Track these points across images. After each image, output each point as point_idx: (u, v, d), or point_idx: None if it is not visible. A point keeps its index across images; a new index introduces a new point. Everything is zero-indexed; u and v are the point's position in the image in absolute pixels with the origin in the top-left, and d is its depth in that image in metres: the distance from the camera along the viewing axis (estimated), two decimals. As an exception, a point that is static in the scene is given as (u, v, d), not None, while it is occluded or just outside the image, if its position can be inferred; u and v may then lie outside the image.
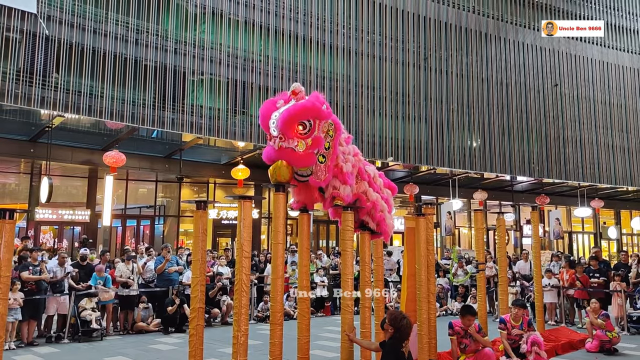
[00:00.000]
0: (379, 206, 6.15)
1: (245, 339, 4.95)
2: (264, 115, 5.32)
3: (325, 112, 5.26)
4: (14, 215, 3.94)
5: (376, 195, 6.14)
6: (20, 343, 8.92)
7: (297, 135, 5.11)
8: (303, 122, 5.10)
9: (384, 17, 18.88)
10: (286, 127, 5.04)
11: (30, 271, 9.15)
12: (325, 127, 5.33)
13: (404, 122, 18.68)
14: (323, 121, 5.27)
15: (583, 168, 22.39)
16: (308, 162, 5.21)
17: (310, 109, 5.12)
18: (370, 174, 6.21)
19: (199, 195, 20.05)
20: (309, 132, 5.15)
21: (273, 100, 5.47)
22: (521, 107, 21.31)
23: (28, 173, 16.39)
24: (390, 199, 6.54)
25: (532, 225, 9.43)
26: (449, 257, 15.10)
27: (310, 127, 5.14)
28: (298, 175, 5.35)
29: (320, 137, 5.25)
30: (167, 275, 11.03)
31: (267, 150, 5.38)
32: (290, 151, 5.12)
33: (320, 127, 5.26)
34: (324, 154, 5.34)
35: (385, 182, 6.54)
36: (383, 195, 6.33)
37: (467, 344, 6.77)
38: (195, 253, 5.35)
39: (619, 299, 10.80)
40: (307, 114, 5.11)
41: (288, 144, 5.10)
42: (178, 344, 9.16)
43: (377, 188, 6.24)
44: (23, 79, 12.31)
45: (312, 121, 5.16)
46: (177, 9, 15.07)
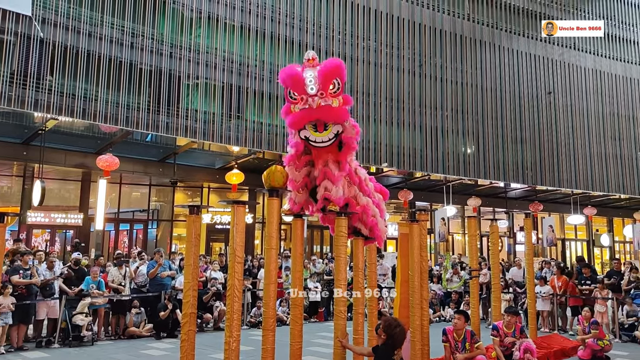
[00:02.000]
0: (370, 211, 6.11)
1: (237, 345, 4.92)
2: (294, 75, 5.30)
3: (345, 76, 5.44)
4: (5, 218, 3.90)
5: (366, 200, 6.09)
6: (9, 348, 8.83)
7: (330, 94, 5.24)
8: (333, 82, 5.25)
9: (379, 24, 18.95)
10: (327, 82, 5.18)
11: (20, 275, 9.06)
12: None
13: (398, 128, 18.71)
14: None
15: (576, 175, 22.50)
16: (344, 116, 5.33)
17: (342, 67, 5.32)
18: (362, 177, 6.16)
19: (192, 199, 20.00)
20: (338, 90, 5.30)
21: (290, 66, 5.53)
22: (515, 114, 21.42)
23: (20, 176, 16.29)
24: (382, 204, 6.47)
25: (525, 233, 9.46)
26: (442, 264, 15.11)
27: (339, 86, 5.29)
28: (316, 143, 5.34)
29: (348, 96, 5.44)
30: (159, 280, 10.97)
31: (297, 114, 5.30)
32: (328, 107, 5.21)
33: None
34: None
35: (376, 187, 6.48)
36: (374, 199, 6.28)
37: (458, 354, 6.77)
38: (187, 258, 5.33)
39: (598, 306, 10.83)
40: (340, 71, 5.30)
41: (326, 101, 5.20)
42: (170, 349, 9.10)
43: (368, 192, 6.19)
44: (17, 82, 12.24)
45: (341, 80, 5.31)
46: (173, 12, 15.06)
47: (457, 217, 23.80)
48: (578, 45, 23.67)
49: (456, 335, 6.83)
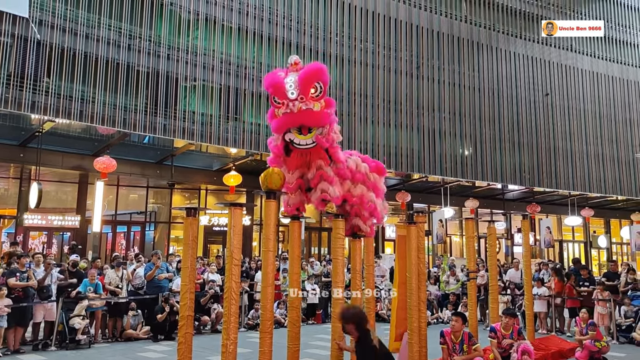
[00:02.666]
0: (366, 198, 6.09)
1: (234, 348, 4.91)
2: (276, 81, 5.34)
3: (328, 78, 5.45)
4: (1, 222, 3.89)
5: (361, 188, 6.05)
6: (6, 350, 8.80)
7: (311, 98, 5.26)
8: (315, 85, 5.28)
9: (377, 26, 18.97)
10: (307, 86, 5.22)
11: (17, 277, 9.03)
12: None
13: (396, 130, 18.73)
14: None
15: (573, 177, 22.54)
16: (325, 120, 5.35)
17: (323, 71, 5.35)
18: (352, 165, 6.04)
19: (190, 201, 19.97)
20: (321, 93, 5.33)
21: (274, 72, 5.56)
22: (512, 116, 21.45)
23: (17, 178, 16.24)
24: (379, 182, 6.38)
25: (523, 234, 9.46)
26: (439, 265, 15.12)
27: (321, 90, 5.32)
28: (300, 145, 5.37)
29: (331, 99, 5.47)
30: (157, 282, 10.94)
31: (280, 119, 5.33)
32: (309, 111, 5.24)
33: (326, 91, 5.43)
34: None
35: (372, 167, 6.35)
36: (370, 182, 6.21)
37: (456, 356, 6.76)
38: (185, 260, 5.32)
39: (599, 308, 10.85)
40: (322, 75, 5.33)
41: (307, 105, 5.22)
42: (167, 351, 9.08)
43: (361, 178, 6.10)
44: (14, 83, 12.22)
45: (323, 84, 5.33)
46: (170, 15, 15.05)
47: (455, 219, 23.81)
48: (575, 47, 23.72)
49: (454, 337, 6.83)
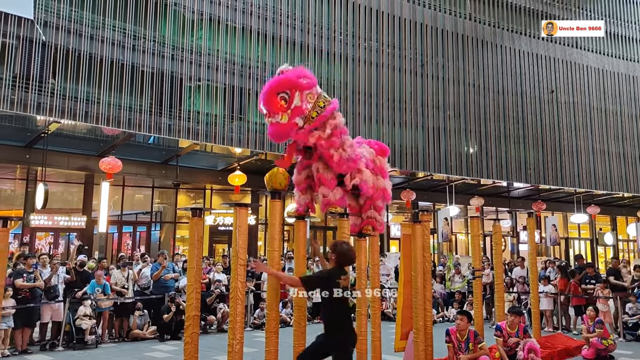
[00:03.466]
0: (369, 183, 5.90)
1: (240, 347, 4.93)
2: (261, 95, 5.32)
3: (303, 83, 5.17)
4: (8, 223, 3.92)
5: (367, 174, 5.91)
6: (14, 351, 8.86)
7: (282, 109, 5.10)
8: (283, 96, 5.10)
9: (381, 24, 18.94)
10: (266, 102, 5.10)
11: (24, 278, 9.09)
12: (311, 98, 5.23)
13: (400, 129, 18.70)
14: (306, 91, 5.19)
15: (579, 174, 22.44)
16: (289, 132, 5.17)
17: (284, 81, 5.13)
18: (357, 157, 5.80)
19: (195, 201, 20.01)
20: (287, 103, 5.13)
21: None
22: (517, 113, 21.38)
23: (24, 179, 16.33)
24: (384, 164, 6.32)
25: (528, 232, 9.43)
26: (444, 264, 15.09)
27: (289, 98, 5.12)
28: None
29: (300, 106, 5.16)
30: (163, 282, 10.98)
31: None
32: (275, 125, 5.12)
33: (303, 97, 5.17)
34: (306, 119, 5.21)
35: (376, 150, 6.28)
36: (375, 166, 6.12)
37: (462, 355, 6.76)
38: (190, 260, 5.34)
39: (600, 305, 10.80)
40: (281, 86, 5.11)
41: (274, 119, 5.11)
42: (174, 351, 9.11)
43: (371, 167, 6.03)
44: (19, 85, 12.28)
45: (290, 92, 5.12)
46: (174, 15, 15.09)
47: (461, 217, 23.77)
48: (580, 44, 23.60)
49: (459, 336, 6.83)
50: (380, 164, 6.25)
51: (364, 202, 6.11)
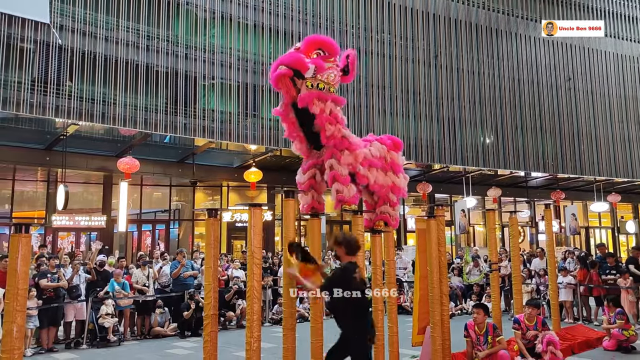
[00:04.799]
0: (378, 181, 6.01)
1: (258, 345, 5.00)
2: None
3: (336, 59, 5.48)
4: (30, 229, 4.03)
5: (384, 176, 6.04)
6: (40, 349, 9.10)
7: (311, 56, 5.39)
8: (318, 52, 5.46)
9: (393, 16, 18.83)
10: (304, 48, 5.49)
11: (48, 279, 9.31)
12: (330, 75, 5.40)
13: (415, 121, 18.61)
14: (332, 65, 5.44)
15: (599, 162, 22.11)
16: (299, 61, 5.28)
17: (329, 43, 5.52)
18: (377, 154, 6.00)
19: (212, 198, 20.19)
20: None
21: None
22: (534, 102, 21.11)
23: (45, 181, 16.65)
24: (397, 159, 6.33)
25: (546, 223, 9.36)
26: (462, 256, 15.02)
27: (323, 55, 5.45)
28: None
29: (323, 65, 5.35)
30: (182, 279, 11.13)
31: None
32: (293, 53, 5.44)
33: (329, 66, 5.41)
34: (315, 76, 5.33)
35: (388, 145, 6.28)
36: (388, 164, 6.17)
37: (482, 349, 6.75)
38: (207, 260, 5.42)
39: (630, 296, 10.68)
40: (325, 44, 5.49)
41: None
42: (194, 347, 9.25)
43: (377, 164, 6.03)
44: (38, 89, 12.50)
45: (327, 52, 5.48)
46: (187, 14, 15.19)
47: (478, 208, 23.60)
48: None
49: (478, 329, 6.82)
50: (393, 159, 6.26)
51: (377, 198, 6.14)
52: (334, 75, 5.42)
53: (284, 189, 5.64)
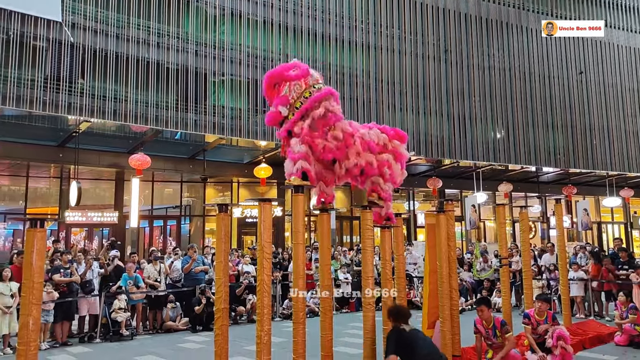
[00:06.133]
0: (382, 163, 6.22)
1: (268, 338, 5.06)
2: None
3: (290, 75, 5.76)
4: (45, 223, 4.10)
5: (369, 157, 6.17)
6: (55, 343, 9.25)
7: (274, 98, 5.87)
8: (277, 87, 5.80)
9: (403, 11, 18.75)
10: (265, 93, 6.00)
11: (61, 274, 9.46)
12: (298, 88, 5.75)
13: (425, 116, 18.56)
14: (293, 82, 5.75)
15: (611, 157, 21.90)
16: (275, 118, 5.82)
17: (275, 74, 5.86)
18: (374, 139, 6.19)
19: (223, 194, 20.31)
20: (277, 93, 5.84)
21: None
22: (545, 96, 20.94)
23: (58, 177, 16.86)
24: (399, 148, 6.48)
25: (556, 218, 9.33)
26: (472, 252, 15.00)
27: (279, 89, 5.81)
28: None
29: (285, 95, 5.75)
30: (193, 275, 11.24)
31: None
32: (268, 113, 5.92)
33: (291, 88, 5.74)
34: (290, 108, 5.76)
35: (390, 135, 6.45)
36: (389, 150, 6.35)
37: (493, 342, 6.75)
38: (218, 255, 5.48)
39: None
40: (273, 78, 5.84)
41: (272, 107, 5.87)
42: (206, 342, 9.35)
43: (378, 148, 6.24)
44: (50, 86, 12.64)
45: (280, 84, 5.80)
46: (197, 11, 15.25)
47: (489, 204, 23.50)
48: (610, 22, 22.92)
49: (485, 323, 6.82)
50: (395, 147, 6.41)
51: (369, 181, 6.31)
52: (301, 83, 5.76)
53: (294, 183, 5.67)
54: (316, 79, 5.92)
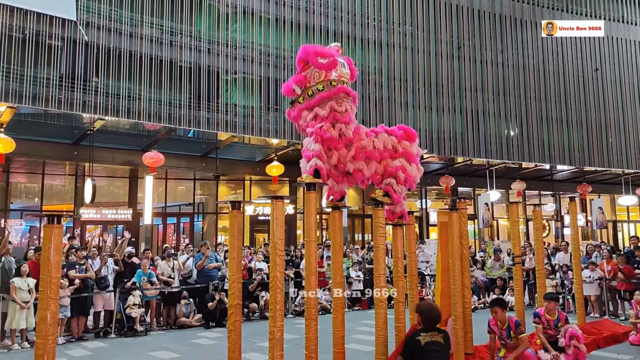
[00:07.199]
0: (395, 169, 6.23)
1: (281, 335, 5.09)
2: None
3: (315, 61, 5.82)
4: (61, 220, 4.17)
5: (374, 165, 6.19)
6: (71, 337, 9.40)
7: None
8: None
9: (415, 8, 18.67)
10: (298, 64, 6.15)
11: (77, 270, 9.60)
12: (317, 77, 5.88)
13: (437, 114, 18.47)
14: (315, 69, 5.86)
15: (627, 154, 21.62)
16: (288, 91, 6.17)
17: (305, 52, 5.99)
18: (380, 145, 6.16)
19: (235, 191, 20.41)
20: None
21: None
22: (560, 93, 20.73)
23: (73, 175, 17.07)
24: (410, 148, 6.42)
25: (570, 217, 9.25)
26: (485, 250, 14.92)
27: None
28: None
29: (304, 76, 5.98)
30: (206, 271, 11.32)
31: None
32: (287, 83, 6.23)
33: (312, 73, 5.91)
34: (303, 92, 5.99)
35: (399, 136, 6.39)
36: (399, 153, 6.30)
37: (507, 342, 6.70)
38: (231, 251, 5.52)
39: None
40: (303, 55, 6.00)
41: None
42: (219, 338, 9.43)
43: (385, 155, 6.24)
44: (65, 85, 12.79)
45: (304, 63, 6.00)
46: (209, 9, 15.32)
47: (502, 202, 23.34)
48: (627, 18, 22.62)
49: (500, 324, 6.78)
50: (405, 148, 6.33)
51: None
52: (320, 73, 5.84)
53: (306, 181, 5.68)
54: (340, 74, 5.91)
